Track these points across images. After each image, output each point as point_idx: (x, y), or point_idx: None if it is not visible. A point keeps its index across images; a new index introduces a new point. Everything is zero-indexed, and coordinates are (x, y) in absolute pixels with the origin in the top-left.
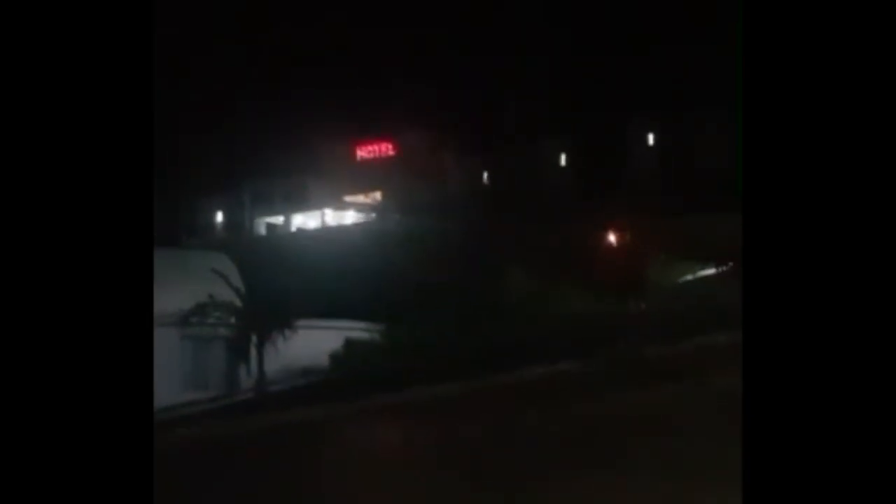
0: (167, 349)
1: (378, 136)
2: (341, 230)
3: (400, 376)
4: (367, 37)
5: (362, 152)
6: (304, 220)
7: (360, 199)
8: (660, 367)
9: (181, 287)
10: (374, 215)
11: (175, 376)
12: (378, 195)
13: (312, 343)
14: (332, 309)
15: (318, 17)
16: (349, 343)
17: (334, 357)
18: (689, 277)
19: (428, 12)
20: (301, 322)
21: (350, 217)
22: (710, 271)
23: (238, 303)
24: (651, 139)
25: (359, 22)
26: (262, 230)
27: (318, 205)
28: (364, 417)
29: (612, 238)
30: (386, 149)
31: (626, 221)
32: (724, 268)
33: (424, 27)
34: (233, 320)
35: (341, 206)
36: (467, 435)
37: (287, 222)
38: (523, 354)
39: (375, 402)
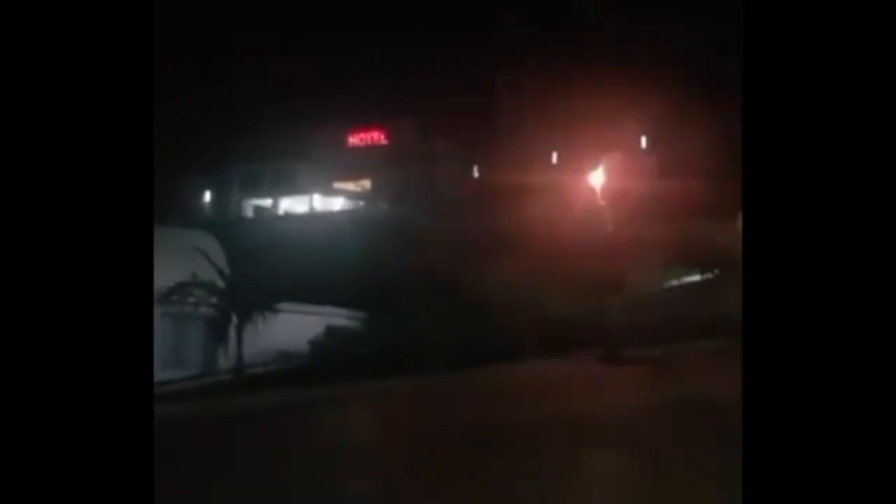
0: None
1: (369, 124)
2: (329, 216)
3: (377, 366)
4: (361, 23)
5: (353, 139)
6: (292, 205)
7: (350, 186)
8: (630, 371)
9: (163, 264)
10: (362, 203)
11: (154, 353)
12: (367, 183)
13: (293, 327)
14: (315, 294)
15: (313, 4)
16: (329, 329)
17: (314, 343)
18: (674, 283)
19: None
20: (283, 306)
21: (338, 204)
22: (696, 278)
23: (220, 283)
24: (644, 141)
25: (353, 8)
26: (250, 213)
27: (306, 190)
28: (334, 405)
29: (600, 238)
30: (377, 137)
31: (615, 222)
32: (710, 275)
33: (420, 16)
34: (214, 300)
35: (330, 192)
36: (432, 428)
37: (275, 206)
38: (501, 350)
39: (349, 391)
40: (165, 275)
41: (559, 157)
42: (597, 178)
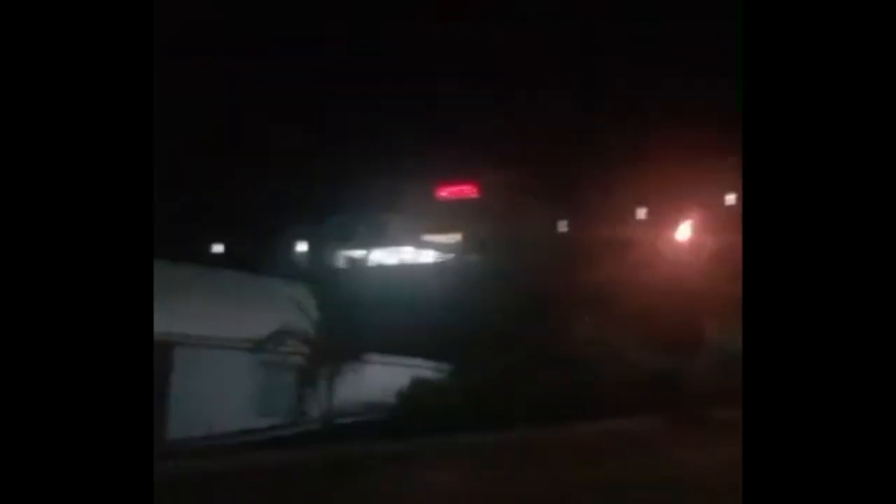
0: (241, 373)
1: (461, 178)
2: (419, 268)
3: (463, 419)
4: (451, 78)
5: (444, 193)
6: (384, 256)
7: (440, 238)
8: (714, 434)
9: (259, 312)
10: (452, 256)
11: (246, 401)
12: (458, 236)
13: (381, 379)
14: (402, 346)
15: (408, 60)
16: (416, 381)
17: (400, 394)
18: None
19: (510, 61)
20: (371, 357)
21: (428, 256)
22: None
23: (312, 333)
24: (731, 198)
25: (445, 65)
26: (342, 263)
27: (397, 242)
28: (423, 456)
29: (684, 295)
30: (468, 191)
31: (701, 279)
32: None
33: (509, 71)
34: (306, 350)
35: (421, 244)
36: (519, 485)
37: (366, 257)
38: (586, 407)
39: (436, 443)
40: (260, 323)
41: (646, 213)
42: (683, 235)
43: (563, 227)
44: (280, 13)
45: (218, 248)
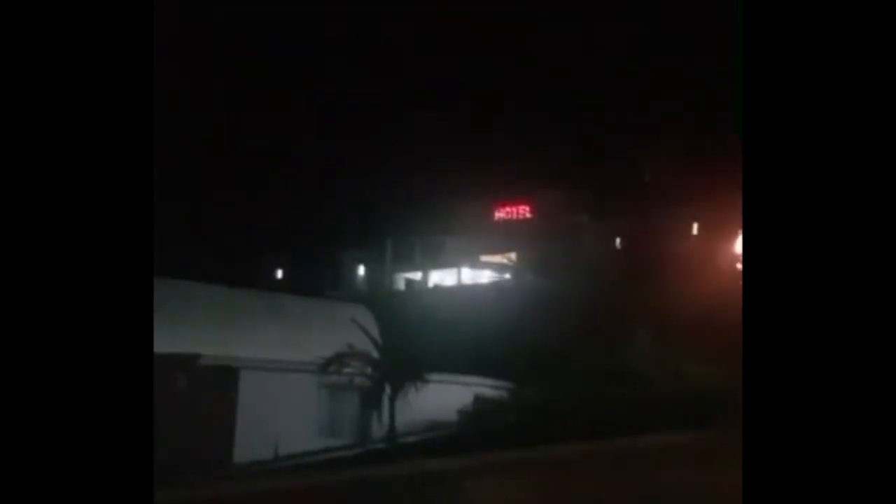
0: (306, 395)
1: (516, 198)
2: (477, 288)
3: (524, 434)
4: (504, 100)
5: (500, 213)
6: (441, 277)
7: (497, 258)
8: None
9: (322, 335)
10: (508, 275)
11: (311, 422)
12: (514, 255)
13: (442, 397)
14: (463, 365)
15: (465, 82)
16: (478, 399)
17: (462, 412)
18: None
19: (565, 81)
20: (433, 376)
21: (486, 276)
22: None
23: (374, 354)
24: None
25: (502, 87)
26: (401, 285)
27: (455, 262)
28: (486, 472)
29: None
30: (523, 211)
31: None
32: None
33: (561, 93)
34: (368, 370)
35: (478, 264)
36: (582, 496)
37: (425, 278)
38: (645, 422)
39: (499, 459)
40: (323, 346)
41: (700, 227)
42: (739, 248)
43: (617, 243)
44: (337, 38)
45: (280, 274)
